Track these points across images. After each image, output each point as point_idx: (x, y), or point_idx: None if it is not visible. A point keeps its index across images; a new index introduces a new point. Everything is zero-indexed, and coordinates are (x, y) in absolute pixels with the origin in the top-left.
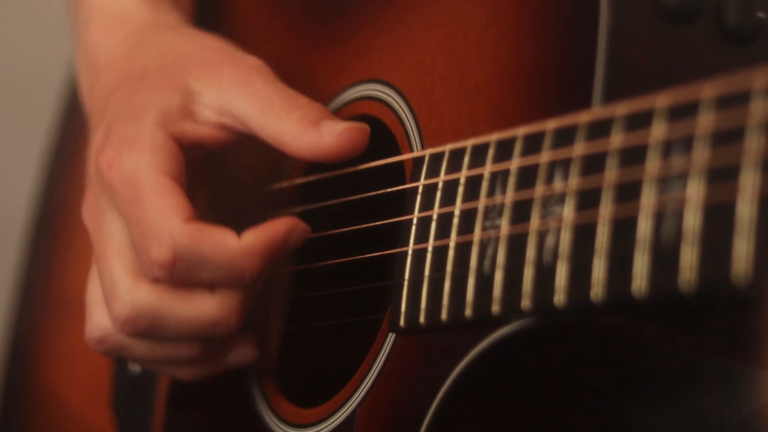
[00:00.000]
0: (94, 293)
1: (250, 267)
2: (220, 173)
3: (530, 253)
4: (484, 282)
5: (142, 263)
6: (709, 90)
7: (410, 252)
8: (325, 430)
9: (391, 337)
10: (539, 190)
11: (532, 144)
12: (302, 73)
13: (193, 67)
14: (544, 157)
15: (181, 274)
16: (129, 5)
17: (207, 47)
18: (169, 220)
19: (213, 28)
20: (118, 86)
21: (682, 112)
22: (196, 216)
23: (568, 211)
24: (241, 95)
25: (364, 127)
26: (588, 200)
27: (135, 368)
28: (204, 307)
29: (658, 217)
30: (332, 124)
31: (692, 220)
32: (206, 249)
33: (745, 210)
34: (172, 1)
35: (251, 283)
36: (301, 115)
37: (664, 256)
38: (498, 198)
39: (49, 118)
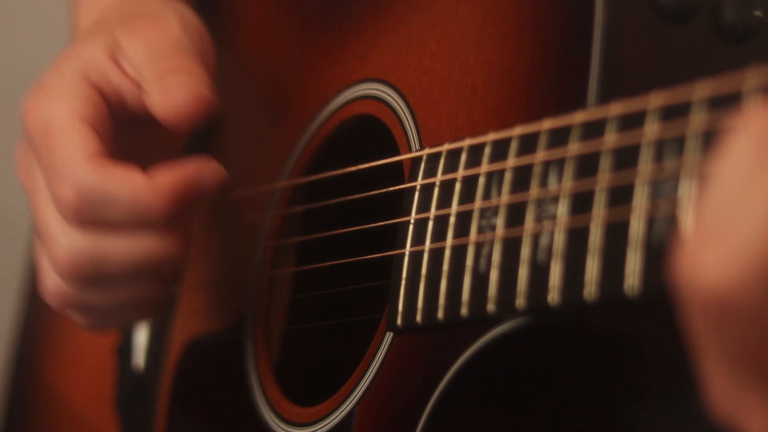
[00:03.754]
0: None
1: (158, 205)
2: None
3: (525, 252)
4: (480, 281)
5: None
6: (701, 90)
7: (407, 252)
8: (324, 428)
9: (388, 336)
10: (534, 189)
11: (528, 143)
12: (304, 72)
13: (124, 20)
14: (539, 156)
15: (87, 214)
16: None
17: (154, 11)
18: (72, 159)
19: (214, 24)
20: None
21: (675, 112)
22: (104, 154)
23: (562, 211)
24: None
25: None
26: (582, 200)
27: (138, 366)
28: (143, 242)
29: (651, 218)
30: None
31: (684, 220)
32: (110, 186)
33: None
34: None
35: (162, 224)
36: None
37: (657, 256)
38: (494, 197)
39: None
